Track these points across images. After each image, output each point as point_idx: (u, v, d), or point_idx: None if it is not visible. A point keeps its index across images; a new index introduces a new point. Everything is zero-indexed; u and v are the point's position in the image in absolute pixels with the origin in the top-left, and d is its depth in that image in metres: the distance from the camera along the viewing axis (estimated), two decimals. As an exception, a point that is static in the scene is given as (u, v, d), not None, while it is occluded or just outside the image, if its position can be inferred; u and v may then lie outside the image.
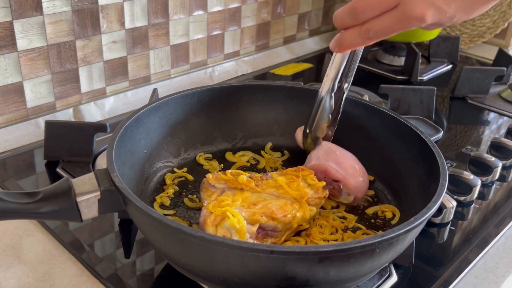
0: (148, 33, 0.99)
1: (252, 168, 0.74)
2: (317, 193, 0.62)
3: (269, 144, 0.78)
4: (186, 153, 0.74)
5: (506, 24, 1.31)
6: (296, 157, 0.76)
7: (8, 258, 0.60)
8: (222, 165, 0.74)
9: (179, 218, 0.63)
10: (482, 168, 0.78)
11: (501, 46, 1.34)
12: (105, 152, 0.62)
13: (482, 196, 0.76)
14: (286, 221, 0.57)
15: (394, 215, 0.64)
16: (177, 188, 0.68)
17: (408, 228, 0.47)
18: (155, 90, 0.81)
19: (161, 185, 0.69)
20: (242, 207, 0.57)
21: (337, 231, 0.61)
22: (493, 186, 0.78)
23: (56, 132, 0.76)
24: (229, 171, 0.63)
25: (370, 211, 0.65)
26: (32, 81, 0.86)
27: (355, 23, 0.52)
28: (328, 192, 0.63)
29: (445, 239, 0.67)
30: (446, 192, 0.56)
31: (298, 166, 0.66)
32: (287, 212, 0.57)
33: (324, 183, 0.63)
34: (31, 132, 0.85)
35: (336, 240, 0.60)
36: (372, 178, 0.70)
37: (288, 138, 0.78)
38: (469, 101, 1.06)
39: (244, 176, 0.61)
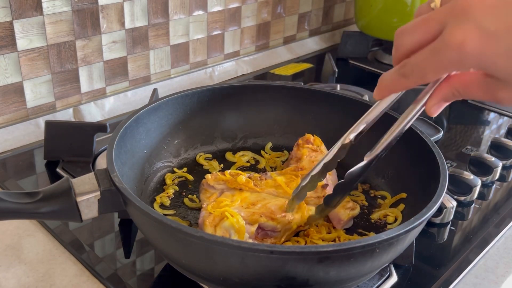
0: (148, 33, 0.99)
1: (252, 168, 0.74)
2: (316, 192, 0.62)
3: (269, 144, 0.78)
4: (186, 153, 0.74)
5: (506, 24, 1.31)
6: (296, 157, 0.76)
7: (8, 258, 0.60)
8: (222, 165, 0.74)
9: (179, 218, 0.63)
10: (482, 168, 0.78)
11: (501, 46, 1.34)
12: (105, 152, 0.62)
13: (482, 196, 0.76)
14: (285, 221, 0.57)
15: (396, 219, 0.64)
16: (177, 188, 0.68)
17: (408, 228, 0.47)
18: (155, 90, 0.81)
19: (161, 185, 0.69)
20: (241, 207, 0.57)
21: (335, 228, 0.62)
22: (493, 186, 0.78)
23: (56, 132, 0.76)
24: (228, 171, 0.63)
25: (375, 216, 0.65)
26: (32, 81, 0.86)
27: (396, 53, 0.44)
28: (327, 191, 0.63)
29: (445, 239, 0.67)
30: (446, 192, 0.56)
31: (297, 165, 0.66)
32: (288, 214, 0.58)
33: (323, 182, 0.63)
34: (31, 132, 0.85)
35: (334, 241, 0.60)
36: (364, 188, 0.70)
37: (288, 138, 0.78)
38: (469, 101, 1.06)
39: (243, 176, 0.61)
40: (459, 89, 0.43)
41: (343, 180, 0.54)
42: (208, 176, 0.62)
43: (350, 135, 0.52)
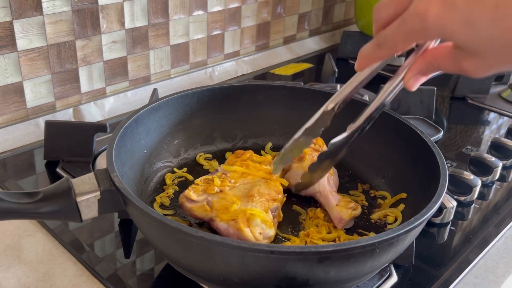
0: (148, 33, 0.99)
1: (252, 168, 0.74)
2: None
3: (269, 144, 0.78)
4: (186, 153, 0.74)
5: (506, 24, 1.31)
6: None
7: (8, 258, 0.60)
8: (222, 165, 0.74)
9: (179, 218, 0.63)
10: (482, 168, 0.78)
11: (501, 46, 1.34)
12: (105, 152, 0.62)
13: (482, 196, 0.76)
14: (282, 199, 0.62)
15: (396, 219, 0.64)
16: (177, 188, 0.68)
17: (408, 228, 0.47)
18: (155, 90, 0.81)
19: (161, 185, 0.69)
20: (248, 203, 0.58)
21: (335, 228, 0.62)
22: (493, 186, 0.78)
23: (56, 132, 0.76)
24: (199, 180, 0.63)
25: (375, 216, 0.65)
26: (32, 81, 0.86)
27: (375, 26, 0.48)
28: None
29: (445, 239, 0.67)
30: (446, 192, 0.56)
31: (235, 153, 0.69)
32: (278, 190, 0.62)
33: (270, 157, 0.69)
34: (31, 132, 0.85)
35: (334, 241, 0.60)
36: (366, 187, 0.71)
37: (288, 138, 0.77)
38: (469, 101, 1.06)
39: (216, 179, 0.61)
40: (432, 61, 0.46)
41: (326, 150, 0.58)
42: (188, 193, 0.60)
43: (330, 104, 0.57)
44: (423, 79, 0.49)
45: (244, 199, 0.59)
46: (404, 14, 0.43)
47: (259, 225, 0.56)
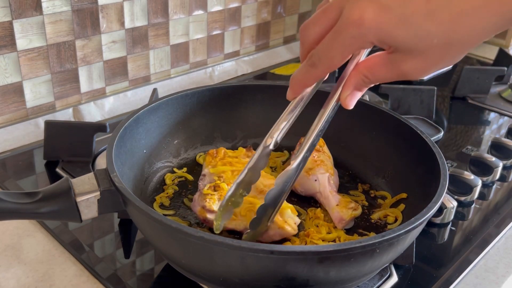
0: (148, 33, 0.98)
1: (252, 168, 0.74)
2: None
3: (269, 144, 0.78)
4: (186, 153, 0.74)
5: (506, 24, 1.31)
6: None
7: (8, 258, 0.60)
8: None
9: (179, 218, 0.63)
10: (483, 168, 0.78)
11: (501, 46, 1.34)
12: (105, 152, 0.62)
13: (482, 196, 0.76)
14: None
15: (396, 220, 0.64)
16: (177, 188, 0.68)
17: (408, 228, 0.47)
18: (155, 90, 0.81)
19: (161, 185, 0.69)
20: (262, 198, 0.57)
21: (335, 228, 0.62)
22: (494, 186, 0.78)
23: (56, 132, 0.76)
24: (207, 189, 0.61)
25: (375, 216, 0.65)
26: (31, 81, 0.86)
27: (302, 48, 0.46)
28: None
29: (445, 239, 0.67)
30: (446, 192, 0.56)
31: (209, 154, 0.68)
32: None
33: (243, 150, 0.69)
34: (31, 132, 0.85)
35: (334, 241, 0.60)
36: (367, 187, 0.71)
37: (288, 138, 0.77)
38: (470, 101, 1.06)
39: (224, 185, 0.61)
40: (367, 73, 0.45)
41: (264, 203, 0.52)
42: (209, 205, 0.58)
43: (268, 141, 0.53)
44: (359, 95, 0.48)
45: (258, 195, 0.59)
46: (337, 26, 0.41)
47: (291, 216, 0.57)
